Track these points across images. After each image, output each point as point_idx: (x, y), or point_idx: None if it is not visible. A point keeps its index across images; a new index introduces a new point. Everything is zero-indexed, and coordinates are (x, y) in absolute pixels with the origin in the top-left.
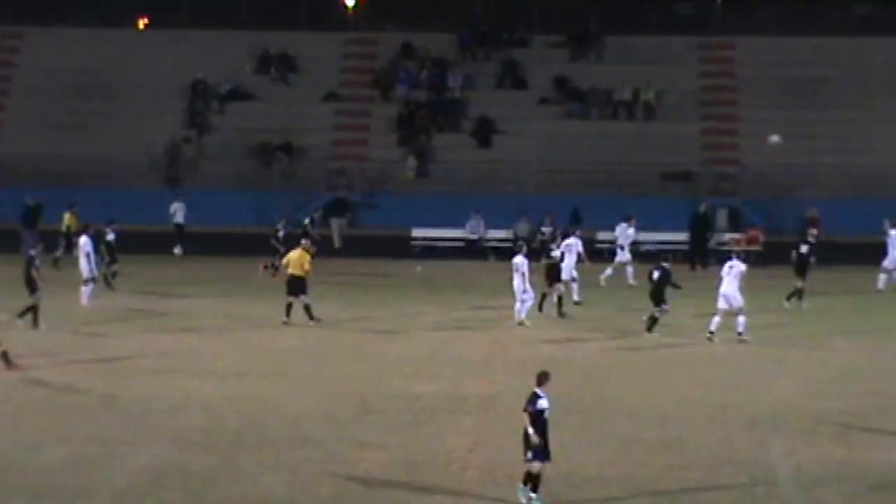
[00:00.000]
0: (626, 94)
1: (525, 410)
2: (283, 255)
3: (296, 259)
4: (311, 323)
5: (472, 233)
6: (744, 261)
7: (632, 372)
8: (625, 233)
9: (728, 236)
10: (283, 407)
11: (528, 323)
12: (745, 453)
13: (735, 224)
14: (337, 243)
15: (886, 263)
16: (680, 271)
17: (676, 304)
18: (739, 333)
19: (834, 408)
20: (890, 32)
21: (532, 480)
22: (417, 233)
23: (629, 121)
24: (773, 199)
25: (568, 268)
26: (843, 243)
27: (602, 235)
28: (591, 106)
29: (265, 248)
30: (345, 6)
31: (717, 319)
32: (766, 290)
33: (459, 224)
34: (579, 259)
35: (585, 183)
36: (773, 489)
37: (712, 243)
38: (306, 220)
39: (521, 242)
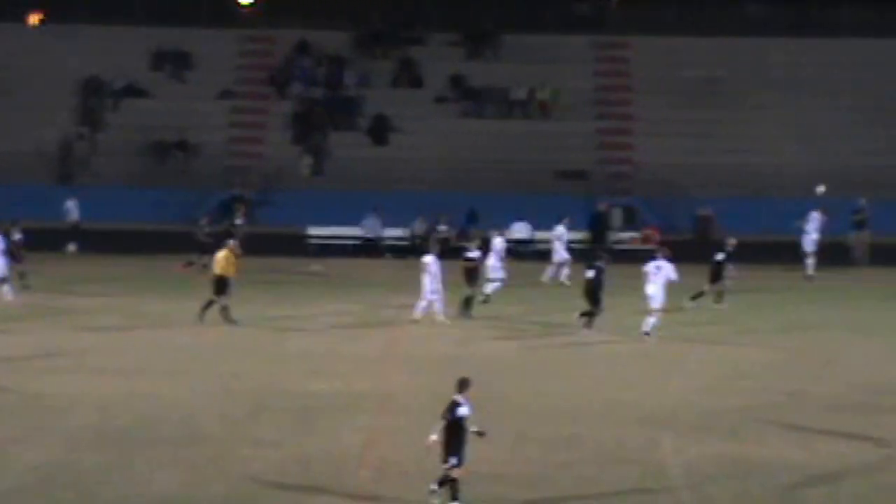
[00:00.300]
0: (522, 93)
1: (443, 417)
2: (207, 254)
3: (219, 259)
4: (199, 322)
5: (369, 231)
6: (669, 259)
7: (527, 369)
8: (559, 232)
9: (624, 235)
10: (178, 405)
11: (447, 321)
12: (637, 450)
13: (630, 223)
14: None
15: (807, 248)
16: (577, 269)
17: (569, 299)
18: (646, 333)
19: (726, 405)
20: (783, 33)
21: (448, 484)
22: (313, 231)
23: (524, 119)
24: (667, 198)
25: (494, 268)
26: (738, 241)
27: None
28: (486, 104)
29: (166, 245)
30: (240, 4)
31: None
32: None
33: (355, 222)
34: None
35: (481, 181)
36: (664, 486)
37: (608, 242)
38: (238, 221)
39: (431, 241)
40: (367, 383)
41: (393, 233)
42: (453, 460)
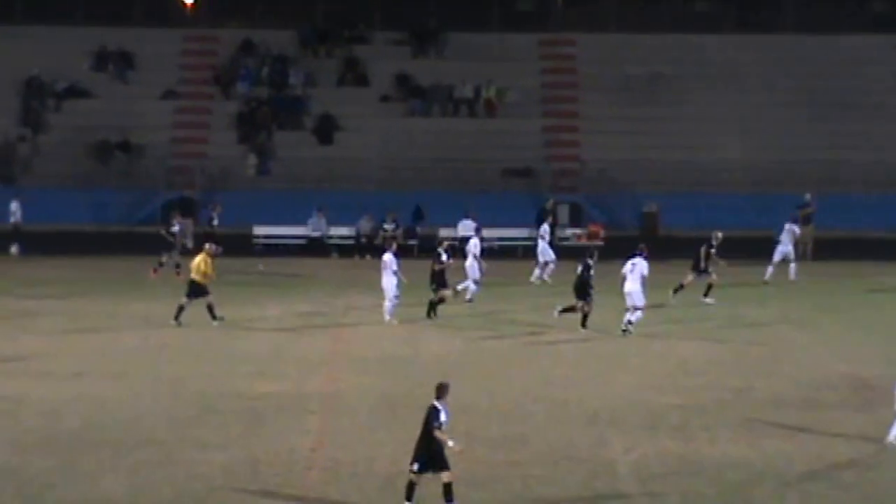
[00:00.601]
0: (468, 91)
1: (435, 429)
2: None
3: (196, 263)
4: (215, 323)
5: (315, 230)
6: (646, 257)
7: (475, 369)
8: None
9: (570, 231)
10: (124, 408)
11: (395, 322)
12: (585, 449)
13: (576, 219)
14: (190, 243)
15: (775, 257)
16: (524, 267)
17: (517, 298)
18: (629, 322)
19: (673, 402)
20: (726, 29)
21: (446, 490)
22: (259, 230)
23: (471, 118)
24: (612, 194)
25: (472, 268)
26: (681, 237)
27: (444, 232)
28: (432, 103)
29: (109, 246)
30: (183, 3)
31: (629, 315)
32: (606, 286)
33: (301, 221)
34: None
35: (427, 180)
36: (612, 484)
37: (555, 239)
38: (215, 221)
39: (388, 239)
40: (315, 384)
41: (339, 232)
42: (416, 465)
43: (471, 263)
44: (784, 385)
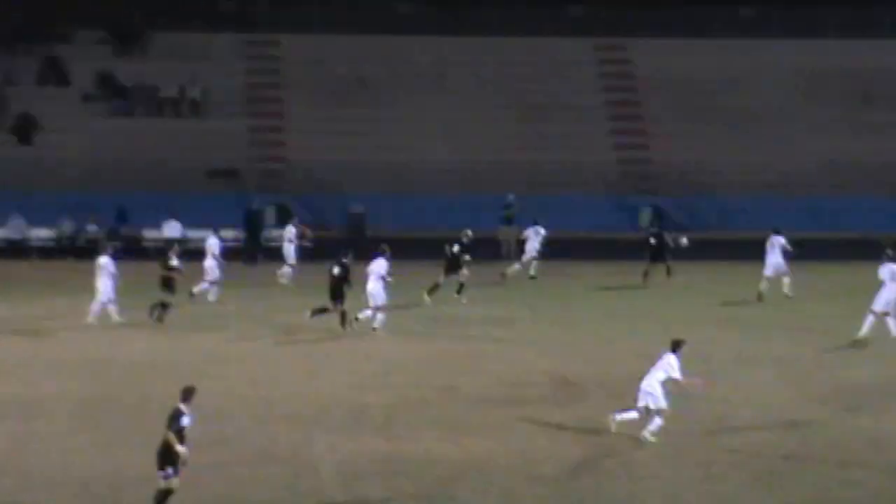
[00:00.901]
0: (172, 91)
1: (169, 429)
2: None
3: None
4: None
5: (14, 232)
6: (387, 257)
7: (177, 370)
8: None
9: (276, 233)
10: None
11: (123, 319)
12: (288, 448)
13: (283, 220)
14: None
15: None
16: (234, 268)
17: (223, 298)
18: (374, 328)
19: (378, 401)
20: (431, 31)
21: (164, 496)
22: None
23: (175, 118)
24: (320, 195)
25: (211, 268)
26: (388, 238)
27: (148, 233)
28: (136, 103)
29: None
30: None
31: (367, 312)
32: (312, 286)
33: (0, 223)
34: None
35: (131, 181)
36: (316, 483)
37: (263, 240)
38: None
39: (106, 242)
40: (10, 388)
41: (39, 234)
42: (169, 471)
43: (210, 264)
44: (488, 383)
